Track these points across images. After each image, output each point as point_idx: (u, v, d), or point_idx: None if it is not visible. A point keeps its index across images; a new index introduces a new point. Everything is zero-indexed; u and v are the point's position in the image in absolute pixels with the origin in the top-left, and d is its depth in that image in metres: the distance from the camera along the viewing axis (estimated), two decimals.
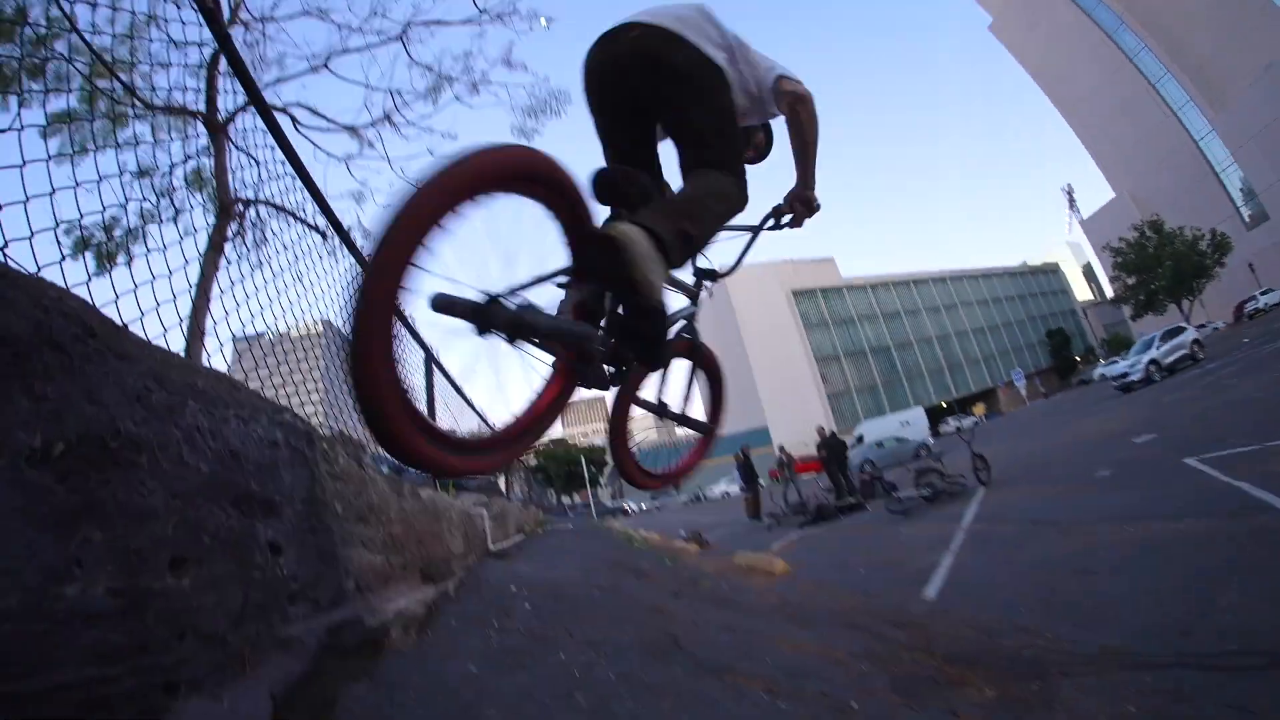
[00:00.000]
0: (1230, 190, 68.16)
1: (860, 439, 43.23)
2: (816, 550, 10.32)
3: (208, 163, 11.10)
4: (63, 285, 1.51)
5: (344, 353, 1.37)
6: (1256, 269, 60.30)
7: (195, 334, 7.95)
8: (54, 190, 2.25)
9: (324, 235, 5.31)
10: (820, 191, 2.69)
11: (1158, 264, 54.71)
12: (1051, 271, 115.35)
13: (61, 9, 8.88)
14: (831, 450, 17.96)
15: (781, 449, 22.45)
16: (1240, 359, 19.53)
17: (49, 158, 2.21)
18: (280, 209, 10.84)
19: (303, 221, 5.67)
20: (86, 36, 9.18)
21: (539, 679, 2.54)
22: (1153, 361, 25.60)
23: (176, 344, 2.77)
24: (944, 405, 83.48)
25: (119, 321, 1.64)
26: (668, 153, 2.38)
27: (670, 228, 1.82)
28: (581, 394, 2.11)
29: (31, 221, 2.11)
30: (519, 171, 1.72)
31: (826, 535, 11.96)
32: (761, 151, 2.93)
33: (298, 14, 12.47)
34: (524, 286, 1.75)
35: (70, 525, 1.23)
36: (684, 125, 2.26)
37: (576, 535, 12.32)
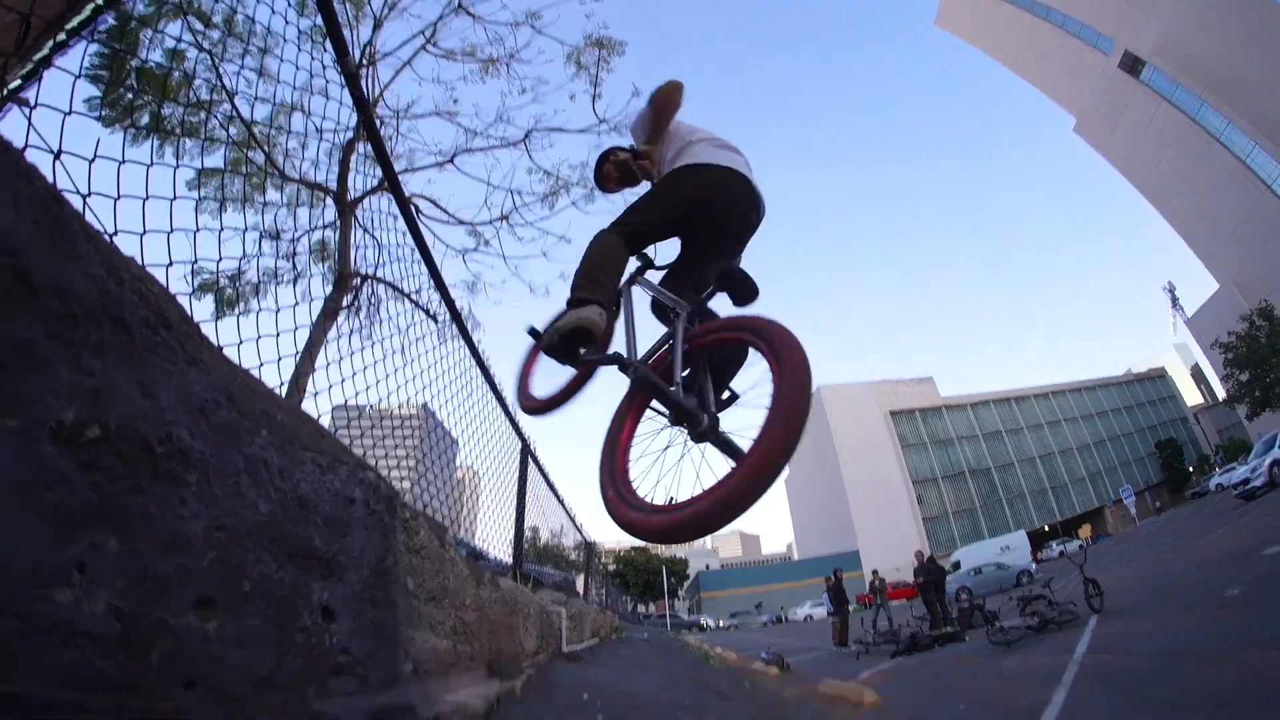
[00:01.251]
0: None
1: (957, 565, 41.61)
2: (910, 682, 9.59)
3: (333, 236, 11.96)
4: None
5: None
6: None
7: (294, 393, 8.24)
8: (198, 228, 2.41)
9: (435, 319, 5.35)
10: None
11: (1273, 354, 50.24)
12: (1159, 378, 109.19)
13: (224, 85, 9.77)
14: (930, 576, 17.06)
15: (875, 573, 21.60)
16: None
17: (198, 200, 2.36)
18: (397, 289, 11.34)
19: (416, 304, 5.72)
20: (242, 108, 10.03)
21: None
22: (1276, 463, 23.24)
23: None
24: (1046, 529, 79.82)
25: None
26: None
27: None
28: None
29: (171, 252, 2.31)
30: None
31: (920, 667, 11.07)
32: None
33: (429, 113, 13.46)
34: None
35: (82, 523, 1.06)
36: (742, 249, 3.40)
37: (652, 646, 11.90)
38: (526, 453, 6.52)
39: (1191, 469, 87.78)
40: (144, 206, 2.01)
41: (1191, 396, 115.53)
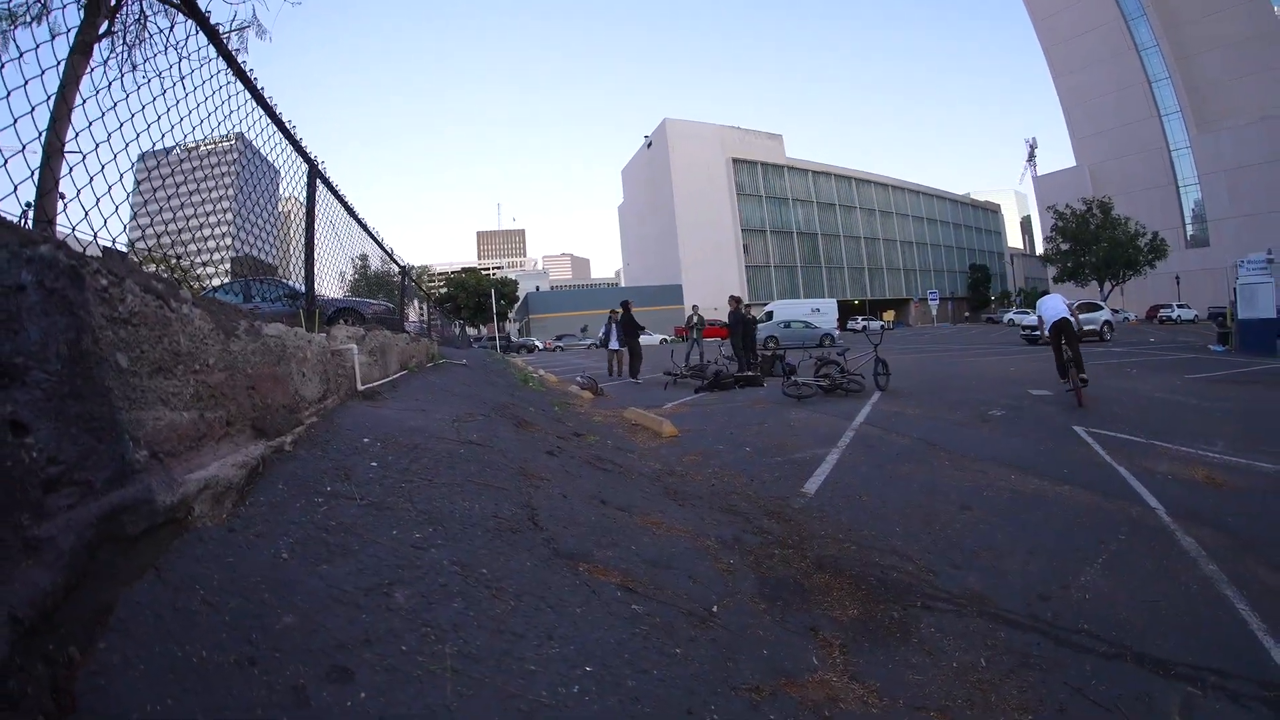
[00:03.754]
0: (1184, 206, 69.80)
1: (770, 315, 44.15)
2: (708, 418, 10.19)
3: None
4: None
5: None
6: (1181, 283, 62.60)
7: (54, 149, 6.90)
8: None
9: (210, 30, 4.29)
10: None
11: (1095, 241, 56.90)
12: (992, 210, 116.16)
13: None
14: (741, 323, 17.57)
15: (695, 308, 22.32)
16: (1143, 356, 19.57)
17: None
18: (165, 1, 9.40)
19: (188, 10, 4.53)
20: None
21: (358, 569, 2.25)
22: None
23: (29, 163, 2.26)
24: (856, 303, 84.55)
25: None
26: None
27: None
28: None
29: None
30: None
31: (718, 404, 11.78)
32: None
33: None
34: None
35: None
36: None
37: (470, 370, 11.98)
38: (315, 175, 5.76)
39: (993, 298, 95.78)
40: None
41: (1014, 240, 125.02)
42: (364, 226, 8.65)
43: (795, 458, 7.07)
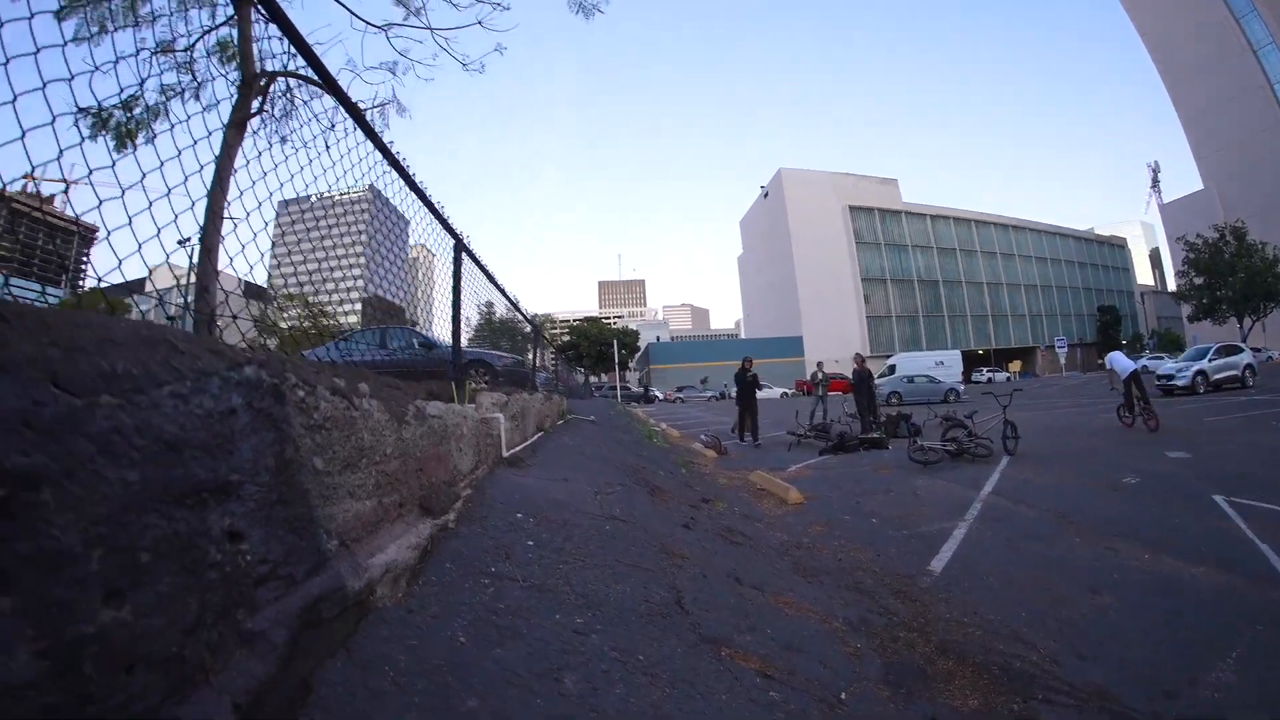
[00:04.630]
0: None
1: (892, 369, 43.20)
2: (833, 484, 10.00)
3: (232, 34, 10.66)
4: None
5: None
6: None
7: (214, 215, 7.63)
8: (72, 77, 2.08)
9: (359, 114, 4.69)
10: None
11: (1230, 272, 52.00)
12: (1119, 246, 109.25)
13: None
14: (864, 383, 17.21)
15: (820, 365, 22.11)
16: None
17: (64, 43, 1.99)
18: (309, 81, 10.18)
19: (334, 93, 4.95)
20: None
21: (528, 653, 2.33)
22: (1201, 373, 24.37)
23: (191, 227, 2.58)
24: (980, 353, 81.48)
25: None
26: None
27: None
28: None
29: (52, 107, 2.00)
30: None
31: (845, 469, 11.55)
32: None
33: None
34: None
35: None
36: None
37: (598, 428, 12.20)
38: (460, 249, 6.21)
39: (1125, 342, 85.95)
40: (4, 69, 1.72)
41: (1143, 276, 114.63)
42: (501, 291, 9.07)
43: (921, 531, 6.91)
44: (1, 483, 1.03)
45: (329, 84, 3.25)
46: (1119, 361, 15.38)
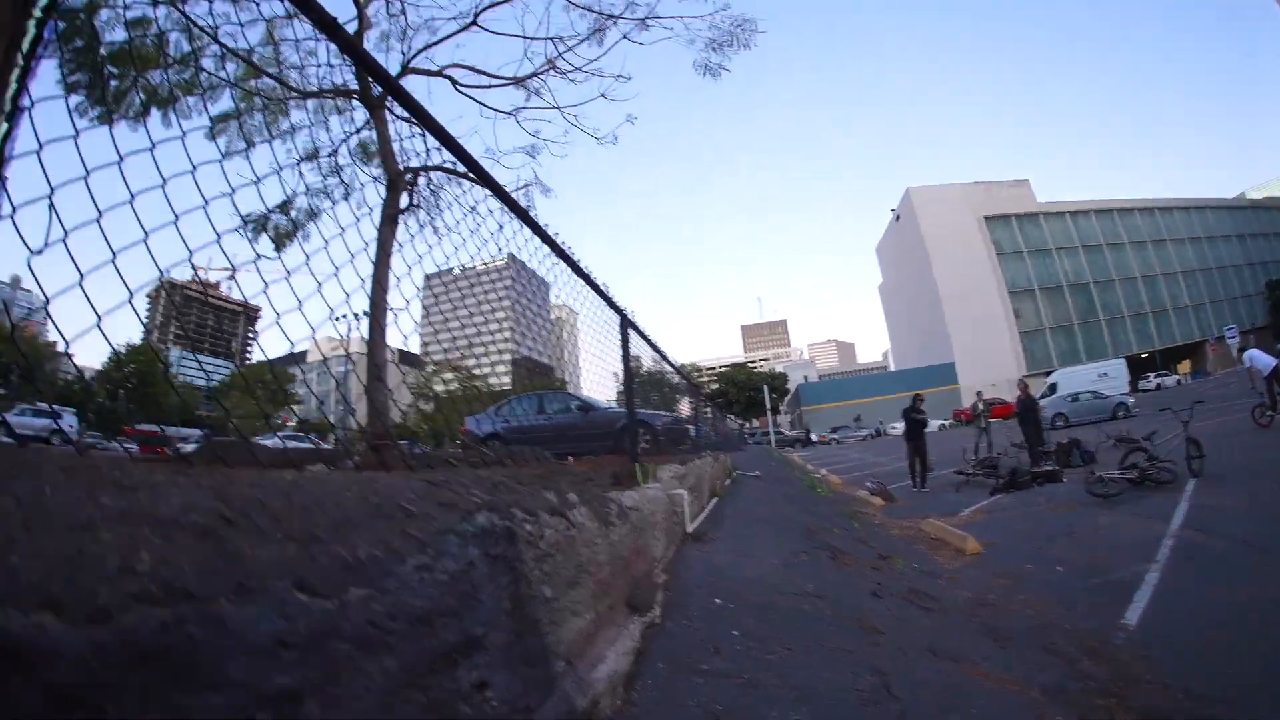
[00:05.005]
0: None
1: (1053, 388, 40.70)
2: (1010, 528, 9.43)
3: (372, 136, 11.48)
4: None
5: None
6: None
7: (377, 309, 8.08)
8: (233, 190, 2.26)
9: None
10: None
11: None
12: (1276, 209, 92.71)
13: (201, 28, 9.25)
14: (1030, 411, 16.39)
15: (979, 395, 21.04)
16: None
17: (221, 157, 2.22)
18: (453, 173, 10.77)
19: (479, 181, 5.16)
20: (229, 43, 9.58)
21: None
22: None
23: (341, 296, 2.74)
24: (1144, 356, 73.13)
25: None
26: None
27: None
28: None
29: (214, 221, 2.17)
30: None
31: (1020, 509, 10.88)
32: None
33: None
34: None
35: None
36: None
37: (764, 484, 12.07)
38: (626, 324, 6.17)
39: None
40: (164, 193, 1.85)
41: None
42: (663, 355, 9.21)
43: (1112, 579, 6.37)
44: (262, 706, 1.01)
45: (483, 178, 3.41)
46: (1260, 359, 15.43)
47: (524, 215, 3.91)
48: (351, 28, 9.88)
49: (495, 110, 13.02)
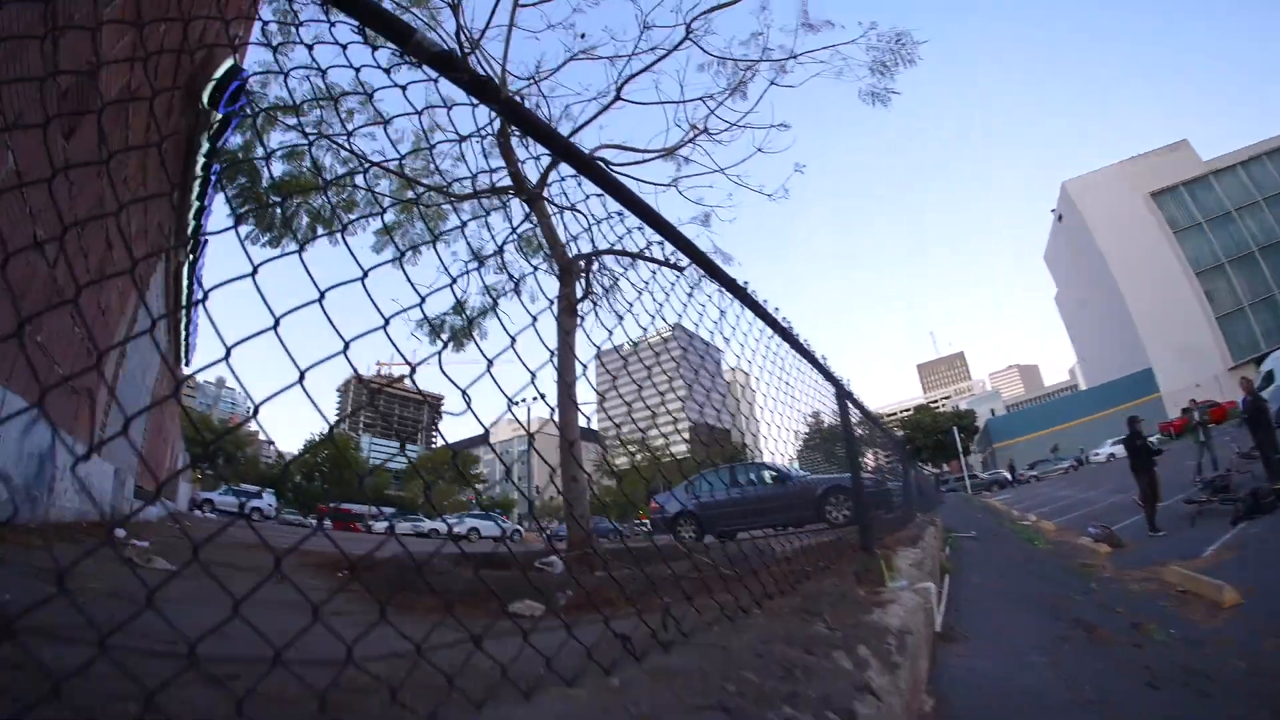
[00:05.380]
0: None
1: (1270, 378, 36.17)
2: (1266, 565, 8.38)
3: (534, 229, 11.90)
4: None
5: None
6: None
7: (565, 401, 8.21)
8: (423, 299, 2.36)
9: (679, 269, 5.06)
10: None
11: None
12: None
13: (350, 150, 10.18)
14: (1261, 414, 13.53)
15: (1193, 402, 18.95)
16: None
17: (399, 258, 2.33)
18: (625, 254, 10.86)
19: (652, 259, 5.18)
20: (379, 160, 10.20)
21: None
22: None
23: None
24: None
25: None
26: None
27: None
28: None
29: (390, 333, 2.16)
30: None
31: (1271, 539, 9.66)
32: None
33: (566, 62, 12.43)
34: None
35: None
36: None
37: (982, 545, 11.42)
38: (843, 395, 6.10)
39: None
40: (322, 305, 1.71)
41: None
42: (880, 427, 9.00)
43: None
44: None
45: (693, 251, 3.44)
46: None
47: (744, 296, 4.10)
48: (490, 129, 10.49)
49: (654, 185, 13.56)
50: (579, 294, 11.08)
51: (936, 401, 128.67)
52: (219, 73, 11.28)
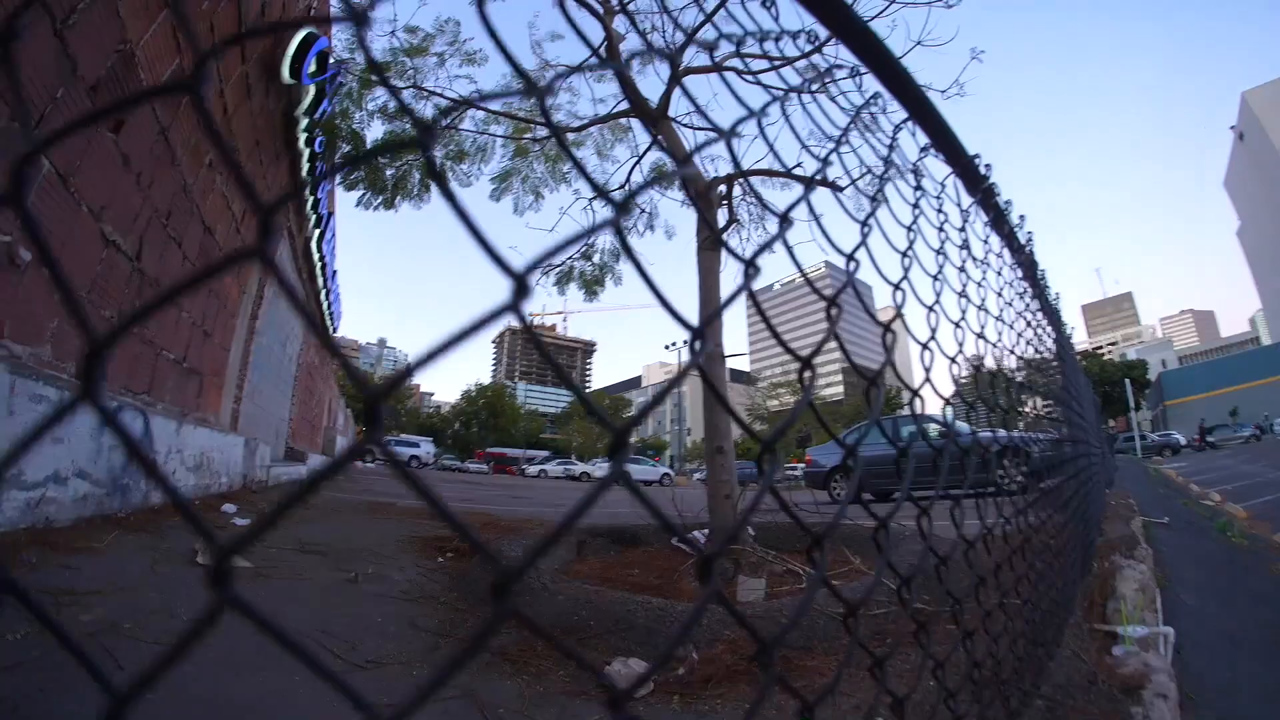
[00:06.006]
0: None
1: None
2: None
3: (665, 157, 11.24)
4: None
5: None
6: None
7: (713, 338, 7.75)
8: (560, 248, 2.22)
9: (838, 189, 4.51)
10: None
11: None
12: None
13: (461, 99, 9.46)
14: None
15: None
16: None
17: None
18: (769, 173, 9.77)
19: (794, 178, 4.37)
20: (486, 103, 9.63)
21: None
22: None
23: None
24: None
25: None
26: None
27: None
28: None
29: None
30: None
31: None
32: None
33: None
34: None
35: None
36: None
37: (1175, 534, 10.52)
38: (1064, 341, 5.36)
39: None
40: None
41: None
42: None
43: None
44: None
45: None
46: None
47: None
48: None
49: (797, 92, 11.93)
50: (720, 225, 9.98)
51: (1102, 348, 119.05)
52: (293, 45, 11.25)
